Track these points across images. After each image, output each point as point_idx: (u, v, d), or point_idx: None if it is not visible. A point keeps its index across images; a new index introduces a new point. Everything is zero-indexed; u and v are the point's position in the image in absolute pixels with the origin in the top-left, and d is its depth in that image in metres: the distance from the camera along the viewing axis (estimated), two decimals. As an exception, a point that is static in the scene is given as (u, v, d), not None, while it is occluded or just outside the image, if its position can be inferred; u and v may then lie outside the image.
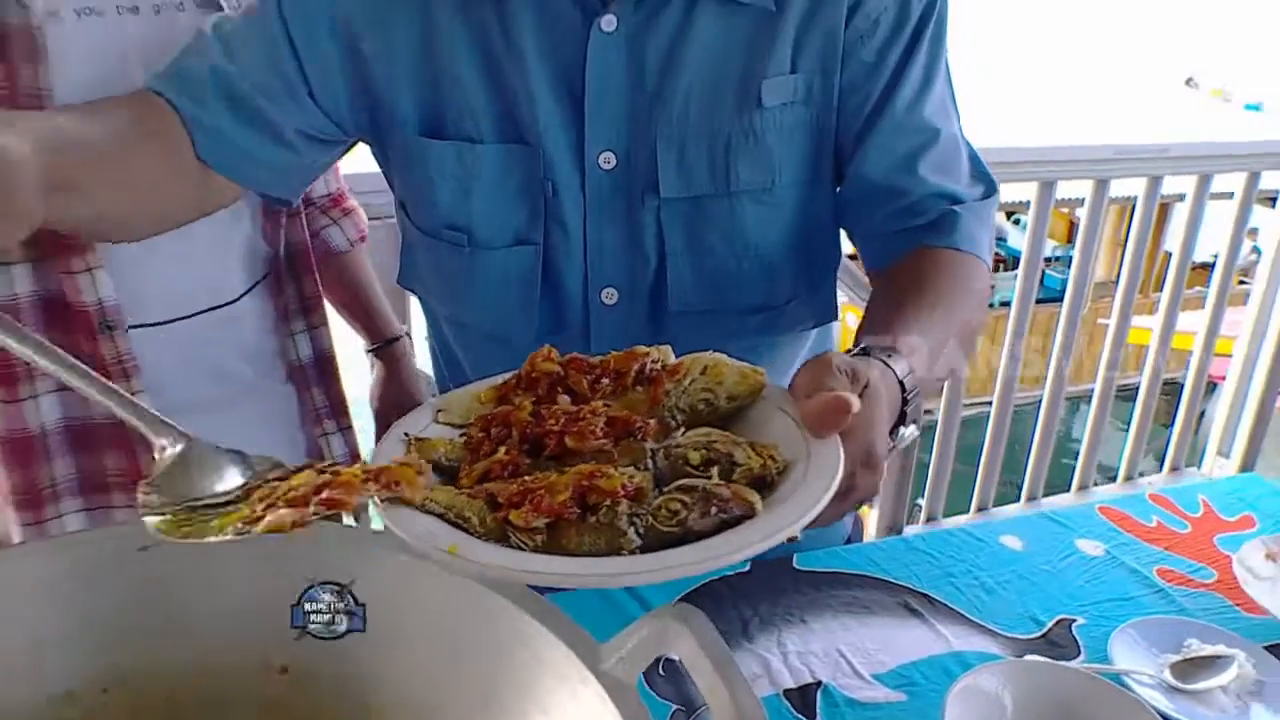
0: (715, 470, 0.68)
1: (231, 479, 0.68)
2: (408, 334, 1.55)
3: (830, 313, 1.19)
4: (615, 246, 1.08)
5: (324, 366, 1.35)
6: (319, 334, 1.33)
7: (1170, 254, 2.76)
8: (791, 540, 0.62)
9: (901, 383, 0.82)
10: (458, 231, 1.08)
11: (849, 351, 0.84)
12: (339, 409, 1.36)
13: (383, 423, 1.48)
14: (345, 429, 1.37)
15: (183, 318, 1.19)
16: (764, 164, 1.05)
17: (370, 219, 1.74)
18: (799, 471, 0.68)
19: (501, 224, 1.07)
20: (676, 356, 0.82)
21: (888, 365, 0.81)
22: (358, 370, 1.57)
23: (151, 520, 0.64)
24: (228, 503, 0.66)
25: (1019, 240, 2.45)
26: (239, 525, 0.63)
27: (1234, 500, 1.37)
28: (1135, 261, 2.60)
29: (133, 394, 1.06)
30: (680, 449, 0.71)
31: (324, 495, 0.62)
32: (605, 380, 0.78)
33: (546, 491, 0.65)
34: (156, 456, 0.68)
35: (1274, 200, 2.74)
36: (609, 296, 1.10)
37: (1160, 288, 2.80)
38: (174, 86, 0.99)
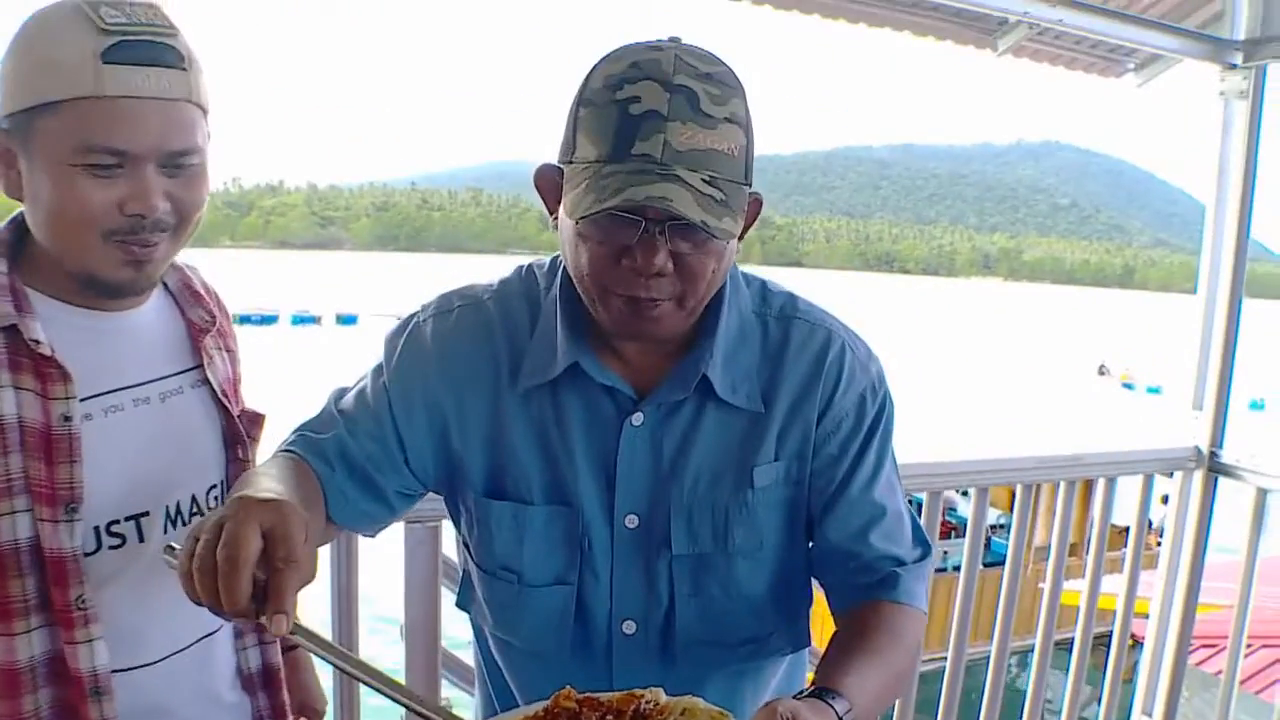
0: None
1: None
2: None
3: (804, 641, 1.29)
4: (635, 589, 1.18)
5: (269, 676, 1.33)
6: (269, 649, 1.33)
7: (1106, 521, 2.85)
8: None
9: (841, 718, 0.96)
10: (510, 572, 1.19)
11: (802, 693, 0.98)
12: (279, 713, 1.33)
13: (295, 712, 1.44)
14: None
15: (177, 652, 1.20)
16: (755, 530, 1.17)
17: (410, 522, 1.92)
18: None
19: (545, 568, 1.17)
20: (677, 680, 1.00)
21: (830, 705, 0.96)
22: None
23: None
24: None
25: (967, 509, 2.61)
26: None
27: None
28: (1061, 539, 2.71)
29: None
30: None
31: None
32: (610, 717, 0.95)
33: None
34: None
35: (1171, 473, 2.94)
36: (628, 627, 1.19)
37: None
38: (313, 453, 1.14)
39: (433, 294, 1.24)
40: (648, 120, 0.97)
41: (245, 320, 45.60)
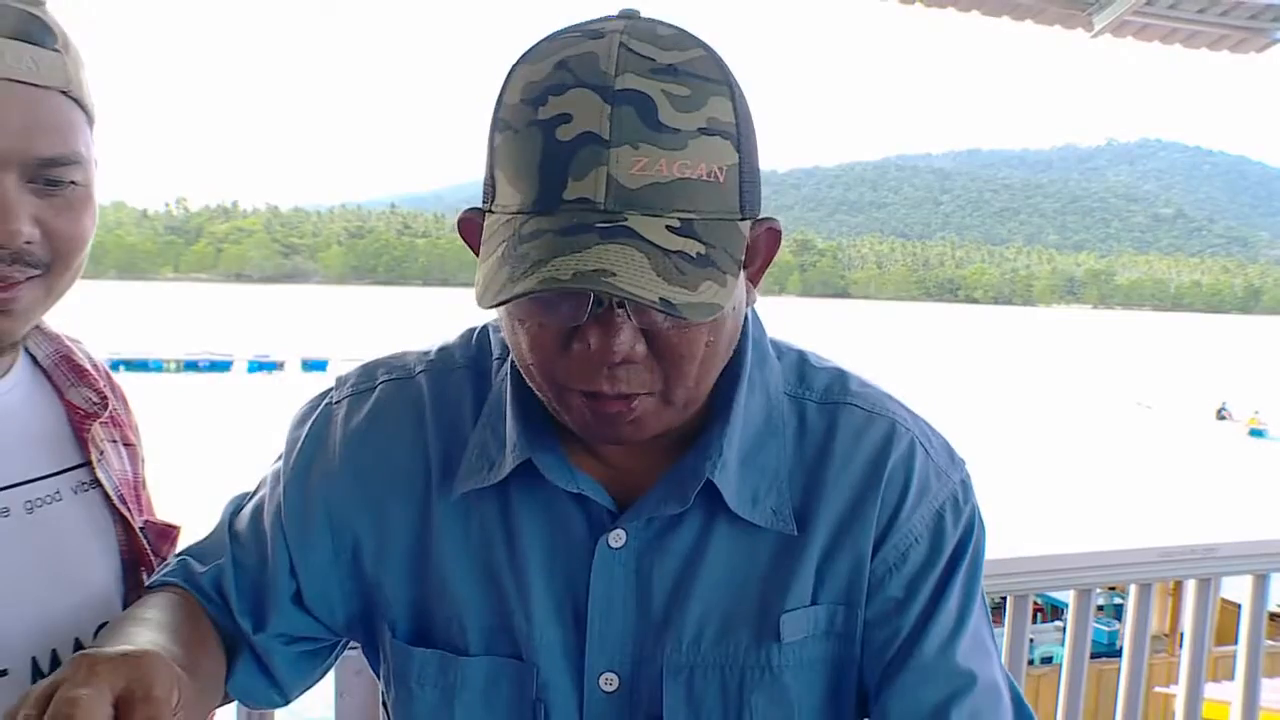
0: None
1: None
2: None
3: None
4: None
5: None
6: None
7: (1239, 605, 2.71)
8: None
9: None
10: None
11: None
12: None
13: None
14: None
15: None
16: (782, 701, 1.03)
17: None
18: None
19: None
20: None
21: None
22: None
23: None
24: None
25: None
26: None
27: None
28: (1196, 650, 2.54)
29: None
30: None
31: None
32: None
33: None
34: None
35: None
36: None
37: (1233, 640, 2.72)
38: (197, 588, 1.08)
39: (414, 341, 1.16)
40: (582, 149, 0.83)
41: (192, 366, 46.22)
